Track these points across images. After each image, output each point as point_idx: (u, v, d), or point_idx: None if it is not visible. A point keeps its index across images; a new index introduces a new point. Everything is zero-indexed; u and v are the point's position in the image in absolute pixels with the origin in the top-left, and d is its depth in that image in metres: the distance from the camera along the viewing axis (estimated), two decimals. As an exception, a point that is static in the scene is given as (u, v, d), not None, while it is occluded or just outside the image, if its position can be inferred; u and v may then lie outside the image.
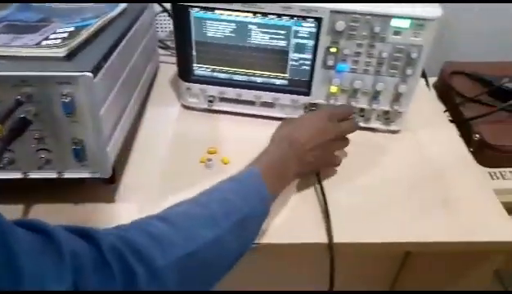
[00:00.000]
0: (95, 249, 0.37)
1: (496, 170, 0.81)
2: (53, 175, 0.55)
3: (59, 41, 0.52)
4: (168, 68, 0.88)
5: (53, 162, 0.54)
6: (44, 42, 0.52)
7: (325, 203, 0.60)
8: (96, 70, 0.49)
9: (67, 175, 0.55)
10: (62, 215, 0.58)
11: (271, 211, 0.54)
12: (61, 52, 0.51)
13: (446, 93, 0.95)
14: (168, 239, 0.42)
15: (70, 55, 0.51)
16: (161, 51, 0.91)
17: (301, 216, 0.60)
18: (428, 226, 0.59)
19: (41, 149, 0.53)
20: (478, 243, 0.58)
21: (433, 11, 0.62)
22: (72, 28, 0.56)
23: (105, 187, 0.61)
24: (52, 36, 0.54)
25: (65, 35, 0.54)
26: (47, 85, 0.48)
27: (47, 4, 0.69)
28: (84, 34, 0.55)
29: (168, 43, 0.93)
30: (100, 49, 0.54)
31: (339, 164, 0.66)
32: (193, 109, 0.79)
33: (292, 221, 0.59)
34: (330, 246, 0.55)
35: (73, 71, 0.47)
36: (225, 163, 0.68)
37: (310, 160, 0.60)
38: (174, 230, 0.43)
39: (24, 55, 0.51)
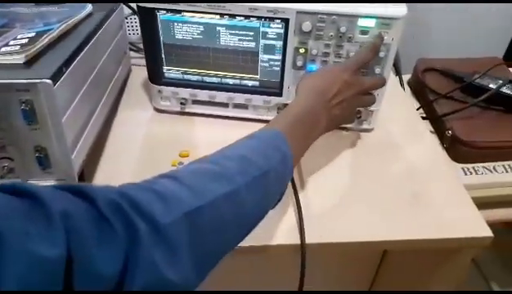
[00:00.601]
0: (90, 205, 0.33)
1: (469, 165, 0.82)
2: (18, 183, 0.54)
3: (18, 47, 0.51)
4: (141, 71, 0.87)
5: (16, 171, 0.53)
6: (3, 49, 0.51)
7: (298, 204, 0.59)
8: (56, 76, 0.48)
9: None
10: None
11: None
12: (20, 59, 0.50)
13: (419, 90, 0.96)
14: (173, 195, 0.38)
15: (30, 62, 0.50)
16: (133, 54, 0.90)
17: (274, 217, 0.60)
18: (400, 224, 0.59)
19: (3, 158, 0.52)
20: (450, 240, 0.59)
21: (399, 10, 0.62)
22: (33, 34, 0.55)
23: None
24: (12, 42, 0.53)
25: (25, 41, 0.53)
26: (5, 93, 0.47)
27: (11, 9, 0.68)
28: (45, 40, 0.54)
29: (140, 46, 0.92)
30: (61, 54, 0.53)
31: (353, 121, 0.67)
32: (165, 112, 0.78)
33: (267, 224, 0.58)
34: (302, 246, 0.55)
35: (31, 78, 0.47)
36: (197, 166, 0.67)
37: (337, 113, 0.58)
38: (182, 186, 0.39)
39: (-17, 62, 0.50)
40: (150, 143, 0.72)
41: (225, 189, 0.41)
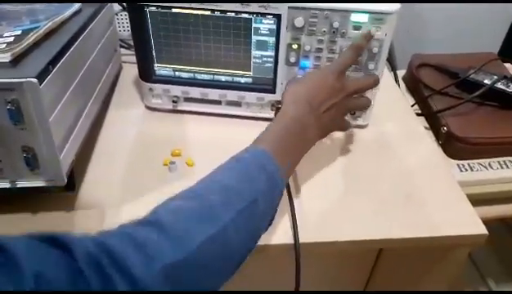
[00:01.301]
0: (66, 259, 0.32)
1: (465, 162, 0.82)
2: (6, 184, 0.53)
3: (4, 46, 0.50)
4: (132, 68, 0.86)
5: (4, 171, 0.52)
6: (-12, 47, 0.50)
7: (291, 203, 0.59)
8: (42, 75, 0.47)
9: (20, 185, 0.53)
10: (21, 225, 0.56)
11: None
12: (6, 57, 0.49)
13: (414, 86, 0.96)
14: (154, 246, 0.36)
15: (16, 61, 0.49)
16: (123, 51, 0.89)
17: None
18: (395, 222, 0.59)
19: (-11, 159, 0.51)
20: (444, 238, 0.58)
21: (392, 4, 0.61)
22: (19, 32, 0.54)
23: (64, 195, 0.59)
24: (-3, 40, 0.52)
25: (11, 39, 0.52)
26: (-10, 92, 0.46)
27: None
28: (32, 37, 0.53)
29: (131, 43, 0.91)
30: (48, 52, 0.52)
31: (347, 129, 0.65)
32: (157, 110, 0.77)
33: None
34: (296, 246, 0.54)
35: (17, 77, 0.45)
36: (189, 165, 0.66)
37: (326, 121, 0.56)
38: (164, 235, 0.37)
39: (-33, 61, 0.48)
40: (142, 142, 0.71)
41: (210, 231, 0.39)
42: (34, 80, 0.45)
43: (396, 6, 0.61)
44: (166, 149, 0.68)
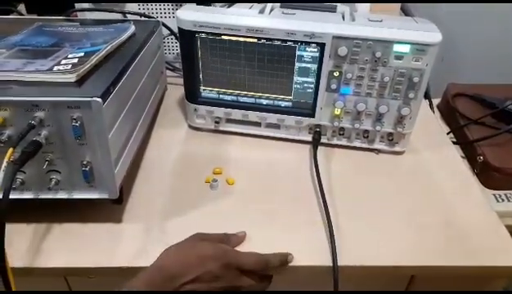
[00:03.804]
0: None
1: (501, 192, 0.82)
2: (63, 196, 0.57)
3: (69, 67, 0.54)
4: (176, 89, 0.90)
5: (62, 184, 0.56)
6: (55, 68, 0.54)
7: (330, 226, 0.60)
8: (105, 95, 0.51)
9: (76, 196, 0.57)
10: (71, 234, 0.59)
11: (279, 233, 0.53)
12: (72, 78, 0.53)
13: (449, 115, 0.96)
14: None
15: (80, 81, 0.53)
16: (169, 73, 0.93)
17: (307, 239, 0.60)
18: (430, 250, 0.59)
19: (51, 171, 0.54)
20: (481, 268, 0.58)
21: (434, 35, 0.63)
22: (82, 54, 0.59)
23: (113, 207, 0.62)
24: (63, 61, 0.56)
25: (75, 61, 0.56)
26: (57, 109, 0.50)
27: (59, 28, 0.71)
28: (94, 60, 0.57)
29: (176, 65, 0.95)
30: (109, 74, 0.56)
31: None
32: (200, 129, 0.81)
33: (298, 244, 0.59)
34: (334, 269, 0.55)
35: (83, 96, 0.49)
36: (230, 184, 0.69)
37: None
38: None
39: (37, 80, 0.53)
40: (185, 159, 0.74)
41: None
42: (99, 99, 0.49)
43: (438, 38, 0.63)
44: (208, 167, 0.71)
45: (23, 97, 0.49)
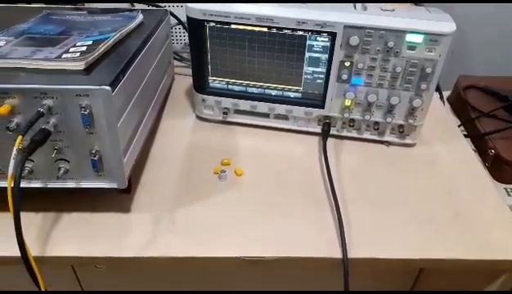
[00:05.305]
0: None
1: (512, 185, 0.81)
2: (71, 185, 0.56)
3: (78, 54, 0.54)
4: (183, 79, 0.90)
5: (71, 173, 0.55)
6: (64, 56, 0.54)
7: (340, 218, 0.59)
8: (114, 83, 0.50)
9: (85, 186, 0.56)
10: (79, 224, 0.59)
11: (287, 225, 0.53)
12: (80, 66, 0.52)
13: (460, 107, 0.95)
14: None
15: (89, 69, 0.53)
16: (176, 63, 0.93)
17: (316, 231, 0.60)
18: (440, 243, 0.58)
19: (59, 160, 0.54)
20: (492, 262, 0.57)
21: (448, 25, 0.62)
22: (90, 42, 0.58)
23: (122, 196, 0.62)
24: (72, 49, 0.56)
25: (84, 49, 0.56)
26: (66, 97, 0.49)
27: (66, 17, 0.71)
28: (102, 48, 0.56)
29: (184, 55, 0.94)
30: (118, 62, 0.55)
31: None
32: (208, 120, 0.80)
33: (307, 236, 0.59)
34: (344, 261, 0.55)
35: (92, 84, 0.49)
36: (238, 175, 0.68)
37: None
38: None
39: (45, 68, 0.52)
40: (193, 150, 0.73)
41: None
42: (108, 87, 0.48)
43: (452, 28, 0.61)
44: (216, 158, 0.71)
45: (31, 85, 0.48)
